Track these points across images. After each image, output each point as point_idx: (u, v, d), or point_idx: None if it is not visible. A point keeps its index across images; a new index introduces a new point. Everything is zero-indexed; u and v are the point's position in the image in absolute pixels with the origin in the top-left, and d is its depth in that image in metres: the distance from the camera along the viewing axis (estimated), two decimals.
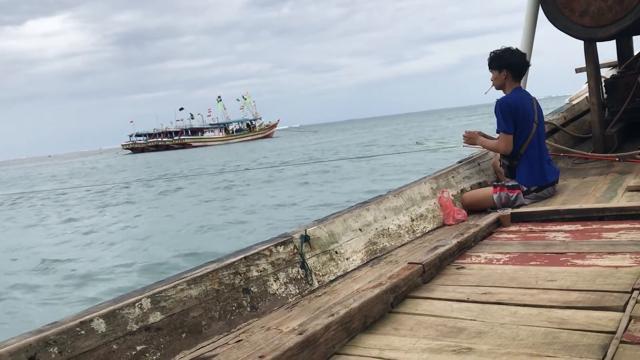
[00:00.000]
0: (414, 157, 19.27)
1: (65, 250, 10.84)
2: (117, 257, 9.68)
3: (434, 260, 2.42)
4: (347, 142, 40.24)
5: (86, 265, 9.22)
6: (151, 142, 79.54)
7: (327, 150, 32.99)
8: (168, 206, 15.71)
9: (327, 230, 2.89)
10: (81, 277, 8.45)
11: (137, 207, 16.36)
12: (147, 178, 25.99)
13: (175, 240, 10.53)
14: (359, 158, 21.96)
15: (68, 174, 44.00)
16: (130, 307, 1.96)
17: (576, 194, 3.75)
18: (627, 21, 4.38)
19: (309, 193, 15.01)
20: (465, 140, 4.18)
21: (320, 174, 19.37)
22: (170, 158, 47.58)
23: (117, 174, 33.72)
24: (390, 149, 24.98)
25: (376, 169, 18.71)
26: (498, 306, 1.96)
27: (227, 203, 14.85)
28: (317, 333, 1.71)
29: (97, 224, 13.81)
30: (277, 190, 16.35)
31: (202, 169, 28.11)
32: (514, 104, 3.78)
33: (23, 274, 9.18)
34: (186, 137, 77.98)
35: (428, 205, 3.65)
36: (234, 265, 2.36)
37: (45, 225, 14.91)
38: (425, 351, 1.68)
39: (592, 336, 1.61)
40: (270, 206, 13.35)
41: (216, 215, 12.94)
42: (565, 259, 2.40)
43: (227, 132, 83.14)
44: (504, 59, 3.86)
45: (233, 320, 2.23)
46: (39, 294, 7.87)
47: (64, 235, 12.93)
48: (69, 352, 1.74)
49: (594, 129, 5.04)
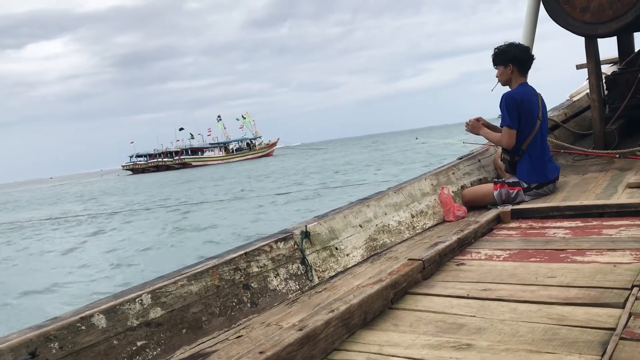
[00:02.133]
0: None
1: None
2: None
3: (434, 257, 2.42)
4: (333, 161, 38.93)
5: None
6: (151, 163, 79.85)
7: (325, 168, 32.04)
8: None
9: (327, 227, 2.89)
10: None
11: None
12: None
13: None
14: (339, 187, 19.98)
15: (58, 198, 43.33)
16: (131, 302, 1.96)
17: (576, 190, 3.75)
18: (628, 17, 4.37)
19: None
20: (468, 128, 4.14)
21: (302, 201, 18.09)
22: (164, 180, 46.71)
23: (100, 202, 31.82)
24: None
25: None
26: (498, 302, 1.96)
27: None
28: (317, 329, 1.71)
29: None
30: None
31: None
32: (519, 99, 3.76)
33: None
34: (186, 157, 78.24)
35: (428, 202, 3.65)
36: (234, 261, 2.36)
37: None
38: (425, 347, 1.68)
39: (591, 332, 1.61)
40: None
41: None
42: (565, 255, 2.40)
43: (227, 151, 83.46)
44: (509, 54, 3.84)
45: (233, 316, 2.23)
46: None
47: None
48: (69, 348, 1.74)
49: (594, 125, 5.04)
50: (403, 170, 21.07)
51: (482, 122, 4.14)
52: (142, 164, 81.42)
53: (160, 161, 79.27)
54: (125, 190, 39.08)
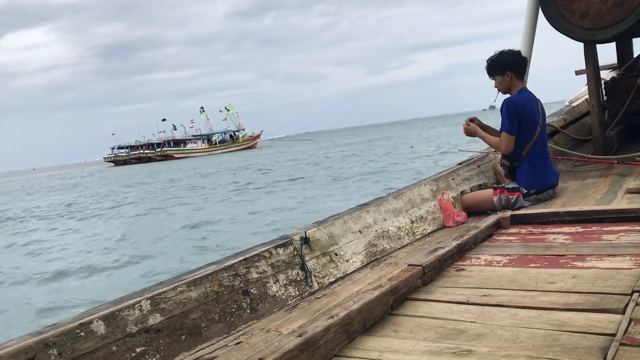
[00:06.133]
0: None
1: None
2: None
3: (434, 262, 2.42)
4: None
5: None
6: (133, 155, 79.34)
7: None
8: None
9: (327, 232, 2.89)
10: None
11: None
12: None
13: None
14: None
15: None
16: (130, 308, 1.96)
17: (576, 196, 3.75)
18: (627, 23, 4.38)
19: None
20: (465, 132, 4.11)
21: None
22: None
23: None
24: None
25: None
26: (498, 308, 1.95)
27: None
28: (316, 335, 1.71)
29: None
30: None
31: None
32: (521, 105, 3.76)
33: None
34: (168, 149, 77.84)
35: (428, 207, 3.64)
36: (234, 267, 2.36)
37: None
38: (425, 353, 1.67)
39: (592, 338, 1.61)
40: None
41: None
42: (565, 261, 2.40)
43: (210, 143, 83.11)
44: (503, 62, 3.85)
45: (233, 322, 2.23)
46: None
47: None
48: (68, 354, 1.73)
49: (593, 131, 5.04)
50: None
51: (477, 122, 4.14)
52: (124, 155, 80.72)
53: (142, 153, 78.47)
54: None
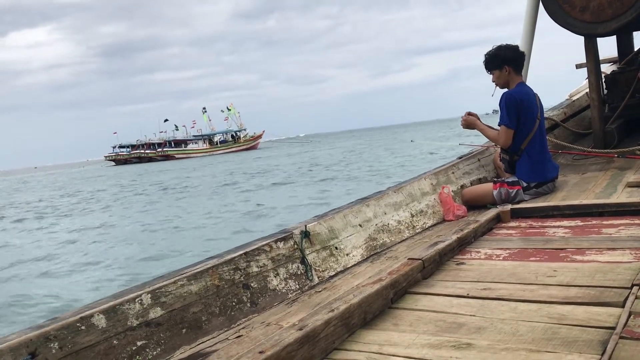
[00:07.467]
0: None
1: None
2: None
3: (434, 256, 2.42)
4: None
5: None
6: (134, 154, 79.33)
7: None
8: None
9: (327, 226, 2.89)
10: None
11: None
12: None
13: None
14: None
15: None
16: (131, 302, 1.96)
17: (576, 189, 3.75)
18: (628, 17, 4.37)
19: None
20: (464, 124, 4.12)
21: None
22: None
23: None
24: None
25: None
26: (498, 302, 1.96)
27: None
28: (317, 328, 1.71)
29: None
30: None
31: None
32: (519, 99, 3.76)
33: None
34: (169, 149, 77.91)
35: (428, 201, 3.65)
36: (234, 261, 2.36)
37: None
38: (425, 346, 1.68)
39: (591, 332, 1.61)
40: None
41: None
42: (565, 254, 2.40)
43: (211, 143, 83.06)
44: (501, 56, 3.84)
45: (233, 316, 2.23)
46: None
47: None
48: (69, 348, 1.74)
49: (594, 124, 5.04)
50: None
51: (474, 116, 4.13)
52: (125, 155, 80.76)
53: (142, 153, 78.55)
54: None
